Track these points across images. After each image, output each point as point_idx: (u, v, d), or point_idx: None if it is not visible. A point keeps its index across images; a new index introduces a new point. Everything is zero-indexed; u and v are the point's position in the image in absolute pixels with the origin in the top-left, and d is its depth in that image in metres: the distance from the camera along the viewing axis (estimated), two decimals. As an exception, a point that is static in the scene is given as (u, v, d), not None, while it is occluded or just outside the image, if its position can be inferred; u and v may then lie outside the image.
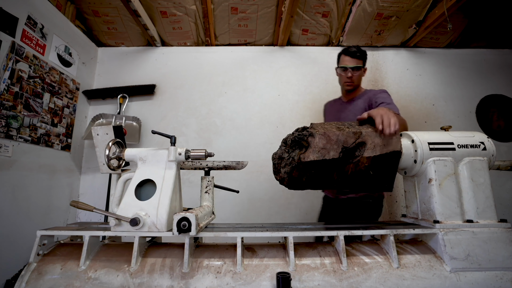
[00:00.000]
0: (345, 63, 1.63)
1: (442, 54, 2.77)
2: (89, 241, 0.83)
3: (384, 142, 0.90)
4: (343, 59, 1.65)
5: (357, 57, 1.62)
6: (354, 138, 0.89)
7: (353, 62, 1.62)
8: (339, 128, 0.90)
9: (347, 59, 1.63)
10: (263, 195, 2.34)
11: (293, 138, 0.91)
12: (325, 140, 0.87)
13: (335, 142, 0.88)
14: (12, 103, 1.73)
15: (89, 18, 2.42)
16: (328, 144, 0.87)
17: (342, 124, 0.97)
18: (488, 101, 2.67)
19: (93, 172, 2.41)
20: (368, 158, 0.89)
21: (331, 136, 0.88)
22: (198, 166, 1.06)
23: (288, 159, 0.90)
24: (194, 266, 0.81)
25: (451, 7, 2.13)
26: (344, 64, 1.64)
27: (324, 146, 0.87)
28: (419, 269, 0.82)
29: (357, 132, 0.89)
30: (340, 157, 0.87)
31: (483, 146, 0.95)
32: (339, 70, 1.68)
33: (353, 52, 1.62)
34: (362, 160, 0.89)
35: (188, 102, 2.60)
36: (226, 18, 2.44)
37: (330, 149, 0.87)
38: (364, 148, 0.89)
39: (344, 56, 1.65)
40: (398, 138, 0.92)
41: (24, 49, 1.82)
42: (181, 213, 0.75)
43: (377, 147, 0.89)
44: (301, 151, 0.88)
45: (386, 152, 0.90)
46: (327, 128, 0.90)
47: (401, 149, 0.92)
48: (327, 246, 0.91)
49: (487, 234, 0.86)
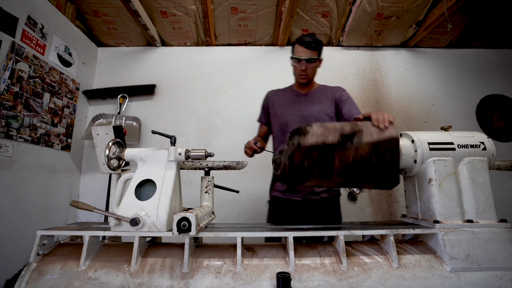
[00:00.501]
0: (299, 54, 1.48)
1: (442, 54, 2.77)
2: (89, 241, 0.83)
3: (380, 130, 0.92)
4: (297, 49, 1.49)
5: (312, 48, 1.46)
6: (350, 127, 0.92)
7: (307, 53, 1.47)
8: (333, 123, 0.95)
9: (301, 50, 1.47)
10: (263, 195, 2.33)
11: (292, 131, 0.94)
12: (323, 128, 0.91)
13: (333, 129, 0.91)
14: (12, 103, 1.73)
15: (89, 18, 2.42)
16: (326, 131, 0.90)
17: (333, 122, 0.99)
18: (488, 101, 2.67)
19: (93, 172, 2.41)
20: (367, 144, 0.90)
21: (328, 126, 0.92)
22: (198, 166, 1.06)
23: (288, 147, 0.92)
24: (194, 266, 0.81)
25: (451, 7, 2.13)
26: (298, 55, 1.48)
27: (323, 133, 0.90)
28: (419, 269, 0.82)
29: (352, 122, 0.93)
30: (340, 142, 0.89)
31: (483, 146, 0.95)
32: (292, 61, 1.53)
33: (308, 43, 1.46)
34: (362, 146, 0.90)
35: (188, 102, 2.60)
36: (226, 18, 2.44)
37: (328, 134, 0.90)
38: (361, 135, 0.90)
39: (298, 46, 1.49)
40: (393, 126, 0.93)
41: (24, 49, 1.82)
42: (181, 213, 0.75)
43: (374, 134, 0.91)
44: (300, 136, 0.91)
45: (383, 138, 0.90)
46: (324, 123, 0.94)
47: (397, 135, 0.92)
48: (327, 246, 0.91)
49: (487, 234, 0.86)
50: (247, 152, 1.49)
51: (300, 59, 1.48)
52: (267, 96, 1.72)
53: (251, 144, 1.45)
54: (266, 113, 1.70)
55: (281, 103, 1.63)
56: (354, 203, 2.42)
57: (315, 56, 1.48)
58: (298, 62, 1.50)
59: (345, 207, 2.44)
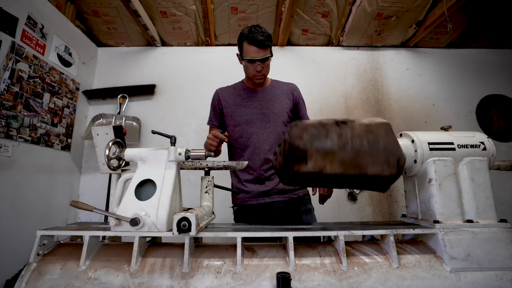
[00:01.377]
0: (252, 55, 1.34)
1: (442, 54, 2.77)
2: (89, 241, 0.83)
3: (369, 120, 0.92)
4: (248, 49, 1.34)
5: (265, 46, 1.34)
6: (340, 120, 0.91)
7: (261, 53, 1.34)
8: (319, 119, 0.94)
9: (254, 50, 1.33)
10: (263, 195, 2.33)
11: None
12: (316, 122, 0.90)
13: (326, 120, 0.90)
14: (12, 103, 1.73)
15: (89, 18, 2.42)
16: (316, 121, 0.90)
17: None
18: (488, 101, 2.67)
19: (93, 172, 2.41)
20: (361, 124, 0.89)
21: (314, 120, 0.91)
22: (198, 166, 1.06)
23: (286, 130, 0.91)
24: (194, 266, 0.81)
25: (451, 7, 2.13)
26: (250, 56, 1.35)
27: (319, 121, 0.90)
28: (419, 269, 0.82)
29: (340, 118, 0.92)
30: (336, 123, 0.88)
31: (483, 146, 0.95)
32: (244, 62, 1.40)
33: (261, 42, 1.31)
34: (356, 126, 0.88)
35: (188, 102, 2.60)
36: (226, 18, 2.44)
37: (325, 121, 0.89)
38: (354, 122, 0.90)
39: (249, 46, 1.34)
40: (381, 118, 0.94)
41: (24, 49, 1.82)
42: (181, 213, 0.75)
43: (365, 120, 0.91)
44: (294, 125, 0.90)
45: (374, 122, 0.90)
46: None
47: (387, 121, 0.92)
48: (327, 246, 0.91)
49: (487, 234, 0.86)
50: (212, 145, 1.30)
51: (254, 60, 1.35)
52: (217, 95, 1.57)
53: (216, 133, 1.29)
54: (218, 114, 1.56)
55: (237, 102, 1.49)
56: (354, 203, 2.42)
57: (268, 54, 1.36)
58: (252, 63, 1.37)
59: (345, 207, 2.45)
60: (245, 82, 1.57)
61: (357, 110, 2.64)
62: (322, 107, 2.62)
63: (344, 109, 2.64)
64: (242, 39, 1.37)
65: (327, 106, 2.63)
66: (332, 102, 2.64)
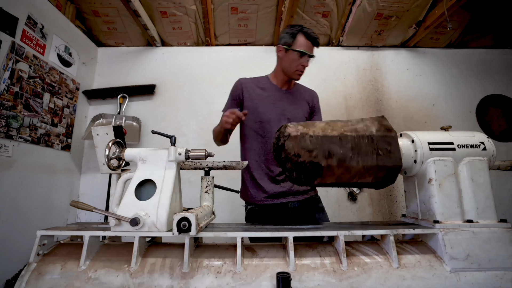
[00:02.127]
0: (305, 48, 1.36)
1: (442, 54, 2.77)
2: (89, 241, 0.83)
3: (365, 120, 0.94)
4: (303, 42, 1.36)
5: (317, 45, 1.40)
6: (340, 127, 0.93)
7: (312, 50, 1.39)
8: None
9: (308, 45, 1.37)
10: (263, 195, 2.33)
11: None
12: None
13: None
14: (12, 103, 1.73)
15: (89, 18, 2.42)
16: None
17: None
18: (488, 101, 2.67)
19: (93, 172, 2.41)
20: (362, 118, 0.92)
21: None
22: (198, 166, 1.06)
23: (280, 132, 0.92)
24: (194, 266, 0.81)
25: (451, 7, 2.13)
26: (303, 49, 1.36)
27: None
28: (419, 269, 0.82)
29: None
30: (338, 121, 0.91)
31: (483, 146, 0.95)
32: (293, 53, 1.38)
33: (316, 41, 1.38)
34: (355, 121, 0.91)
35: (188, 102, 2.60)
36: (226, 18, 2.44)
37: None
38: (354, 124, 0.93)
39: (304, 39, 1.36)
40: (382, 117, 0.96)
41: (24, 49, 1.82)
42: (181, 213, 0.75)
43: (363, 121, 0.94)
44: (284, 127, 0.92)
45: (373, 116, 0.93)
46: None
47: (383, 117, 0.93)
48: (327, 246, 0.91)
49: (487, 234, 0.86)
50: (227, 122, 1.25)
51: (305, 54, 1.36)
52: (241, 85, 1.51)
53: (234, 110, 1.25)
54: (237, 104, 1.49)
55: (262, 98, 1.45)
56: (354, 203, 2.42)
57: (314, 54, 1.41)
58: (301, 56, 1.37)
59: (345, 207, 2.45)
60: (270, 78, 1.52)
61: (357, 110, 2.64)
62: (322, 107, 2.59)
63: (344, 109, 2.64)
64: (296, 31, 1.38)
65: (327, 106, 2.63)
66: (332, 102, 2.64)
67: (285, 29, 1.46)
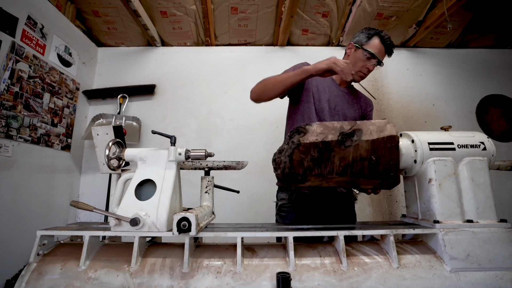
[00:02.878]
0: (376, 51, 1.33)
1: (442, 54, 2.77)
2: (89, 241, 0.83)
3: (378, 129, 0.92)
4: (377, 45, 1.34)
5: (389, 54, 1.38)
6: (350, 126, 0.93)
7: (383, 56, 1.35)
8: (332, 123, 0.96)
9: (381, 50, 1.34)
10: (263, 195, 2.34)
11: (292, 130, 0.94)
12: (322, 127, 0.92)
13: (332, 128, 0.92)
14: (12, 103, 1.73)
15: (89, 18, 2.42)
16: (326, 130, 0.92)
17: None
18: (488, 101, 2.67)
19: (93, 172, 2.41)
20: (367, 141, 0.90)
21: (328, 124, 0.93)
22: (198, 166, 1.06)
23: (288, 146, 0.93)
24: (194, 266, 0.81)
25: (451, 7, 2.13)
26: (375, 51, 1.33)
27: (322, 132, 0.91)
28: (419, 269, 0.82)
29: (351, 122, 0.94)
30: (339, 140, 0.90)
31: (483, 146, 0.95)
32: (362, 53, 1.35)
33: (390, 49, 1.36)
34: (361, 144, 0.91)
35: (188, 102, 2.60)
36: (226, 18, 2.44)
37: (328, 133, 0.91)
38: (361, 133, 0.91)
39: (379, 43, 1.34)
40: (392, 126, 0.94)
41: (24, 49, 1.82)
42: (181, 213, 0.76)
43: (373, 133, 0.92)
44: (300, 135, 0.91)
45: (382, 136, 0.91)
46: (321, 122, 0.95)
47: (397, 134, 0.93)
48: (327, 246, 0.91)
49: (487, 234, 0.86)
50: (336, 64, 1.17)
51: (374, 57, 1.33)
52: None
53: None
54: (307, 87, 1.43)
55: (320, 86, 1.42)
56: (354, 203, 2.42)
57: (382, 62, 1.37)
58: (370, 59, 1.34)
59: (345, 207, 2.45)
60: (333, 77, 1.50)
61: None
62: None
63: (344, 109, 2.64)
64: (374, 33, 1.36)
65: (327, 106, 2.63)
66: (332, 102, 2.64)
67: (362, 29, 1.44)
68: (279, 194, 1.44)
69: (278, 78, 1.31)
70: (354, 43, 1.40)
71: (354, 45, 1.40)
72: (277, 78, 1.32)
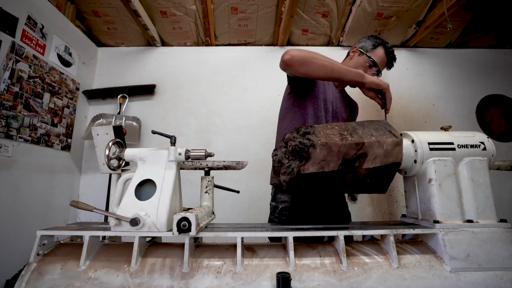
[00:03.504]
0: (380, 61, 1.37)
1: (442, 54, 2.77)
2: (89, 241, 0.83)
3: (385, 153, 0.88)
4: (381, 55, 1.37)
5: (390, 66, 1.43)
6: (356, 150, 0.86)
7: (384, 67, 1.40)
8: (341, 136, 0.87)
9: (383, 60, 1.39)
10: (263, 195, 2.34)
11: (294, 147, 0.87)
12: (326, 152, 0.84)
13: (336, 154, 0.85)
14: (12, 103, 1.73)
15: (89, 18, 2.42)
16: (329, 156, 0.85)
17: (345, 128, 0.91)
18: (488, 101, 2.67)
19: (93, 172, 2.41)
20: (367, 169, 0.88)
21: (333, 147, 0.85)
22: (198, 166, 1.06)
23: (288, 168, 0.88)
24: (194, 266, 0.81)
25: (451, 7, 2.13)
26: (378, 61, 1.36)
27: (325, 158, 0.85)
28: (419, 269, 0.82)
29: (359, 143, 0.86)
30: (339, 169, 0.87)
31: (483, 146, 0.95)
32: (365, 59, 1.38)
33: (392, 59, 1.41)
34: (361, 171, 0.89)
35: (188, 102, 2.60)
36: (226, 18, 2.44)
37: (330, 161, 0.85)
38: (364, 159, 0.87)
39: (383, 54, 1.38)
40: (400, 149, 0.90)
41: (24, 49, 1.82)
42: (181, 213, 0.76)
43: (377, 158, 0.88)
44: (301, 163, 0.86)
45: (386, 163, 0.89)
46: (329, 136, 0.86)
47: (401, 160, 0.91)
48: (327, 246, 0.91)
49: (487, 234, 0.86)
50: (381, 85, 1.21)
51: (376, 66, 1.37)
52: None
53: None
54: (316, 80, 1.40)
55: (328, 90, 1.42)
56: (354, 203, 2.42)
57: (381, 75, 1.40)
58: (371, 67, 1.38)
59: (345, 207, 2.45)
60: None
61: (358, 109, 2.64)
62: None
63: (344, 109, 2.64)
64: (380, 43, 1.40)
65: (327, 106, 2.63)
66: (332, 102, 2.64)
67: (369, 36, 1.47)
68: (279, 195, 1.35)
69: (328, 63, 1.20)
70: (359, 48, 1.42)
71: (359, 50, 1.42)
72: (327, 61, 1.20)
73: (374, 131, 0.92)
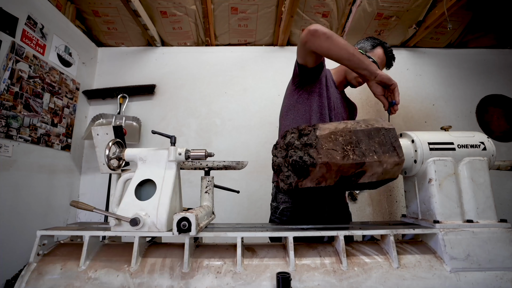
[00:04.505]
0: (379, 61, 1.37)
1: (442, 54, 2.77)
2: (89, 241, 0.83)
3: (383, 171, 0.86)
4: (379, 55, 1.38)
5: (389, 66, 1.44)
6: (355, 168, 0.85)
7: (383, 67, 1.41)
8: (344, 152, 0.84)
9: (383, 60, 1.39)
10: (263, 195, 2.34)
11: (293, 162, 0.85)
12: (326, 170, 0.84)
13: (335, 172, 0.84)
14: (12, 103, 1.73)
15: (89, 18, 2.42)
16: (328, 173, 0.84)
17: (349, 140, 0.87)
18: (488, 101, 2.67)
19: (93, 172, 2.41)
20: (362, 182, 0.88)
21: (333, 166, 0.84)
22: (198, 166, 1.06)
23: (287, 179, 0.89)
24: (194, 266, 0.81)
25: (451, 7, 2.13)
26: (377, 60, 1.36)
27: (323, 175, 0.85)
28: (419, 269, 0.82)
29: (360, 163, 0.84)
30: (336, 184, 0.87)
31: (483, 146, 0.95)
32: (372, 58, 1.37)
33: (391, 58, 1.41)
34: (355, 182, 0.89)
35: (188, 102, 2.60)
36: (226, 18, 2.44)
37: (328, 177, 0.85)
38: (362, 176, 0.87)
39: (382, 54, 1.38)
40: (399, 168, 0.88)
41: (24, 49, 1.82)
42: (181, 213, 0.76)
43: (375, 175, 0.87)
44: (299, 180, 0.86)
45: (381, 179, 0.88)
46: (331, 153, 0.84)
47: (397, 177, 0.91)
48: (327, 246, 0.91)
49: (487, 234, 0.86)
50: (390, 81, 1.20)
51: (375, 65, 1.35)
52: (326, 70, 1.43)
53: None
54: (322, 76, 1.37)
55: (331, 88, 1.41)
56: (354, 203, 2.42)
57: None
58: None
59: (345, 207, 2.45)
60: (332, 73, 1.48)
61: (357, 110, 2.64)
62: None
63: (344, 109, 2.64)
64: (378, 43, 1.40)
65: (327, 106, 2.63)
66: (332, 102, 2.64)
67: (367, 37, 1.46)
68: (280, 196, 1.33)
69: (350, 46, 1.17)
70: (358, 49, 1.41)
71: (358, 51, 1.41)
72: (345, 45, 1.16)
73: (378, 146, 0.87)
